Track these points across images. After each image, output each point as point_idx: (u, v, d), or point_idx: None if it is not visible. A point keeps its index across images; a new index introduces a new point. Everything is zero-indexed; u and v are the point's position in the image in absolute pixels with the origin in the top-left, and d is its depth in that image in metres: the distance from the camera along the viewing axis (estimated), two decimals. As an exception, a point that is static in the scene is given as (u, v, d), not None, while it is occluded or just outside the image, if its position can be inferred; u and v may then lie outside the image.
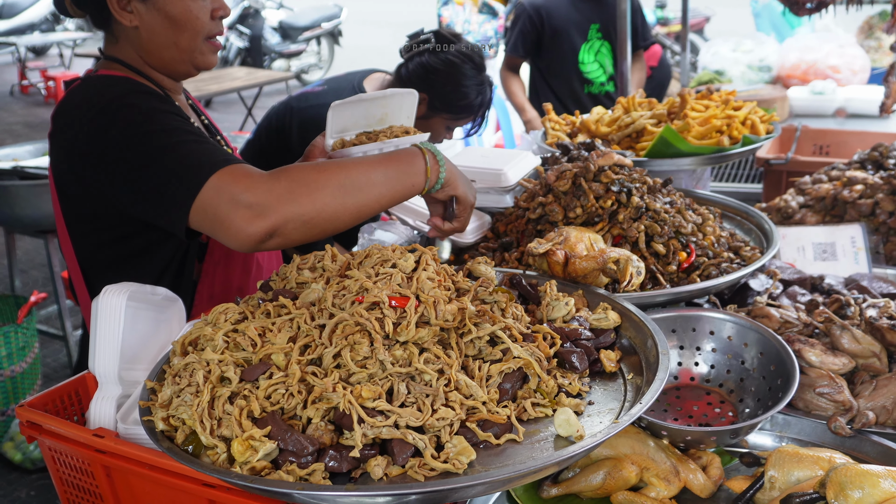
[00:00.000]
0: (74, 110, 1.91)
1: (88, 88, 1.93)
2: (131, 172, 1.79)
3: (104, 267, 2.06)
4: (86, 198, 1.95)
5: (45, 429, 1.65)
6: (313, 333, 1.44)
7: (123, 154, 1.80)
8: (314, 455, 1.28)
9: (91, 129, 1.84)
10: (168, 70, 2.06)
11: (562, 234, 1.95)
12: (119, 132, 1.81)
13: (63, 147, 1.93)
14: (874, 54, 6.56)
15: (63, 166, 1.95)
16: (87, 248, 2.06)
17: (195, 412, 1.33)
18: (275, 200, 1.64)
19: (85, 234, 2.04)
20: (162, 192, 1.75)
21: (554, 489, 1.63)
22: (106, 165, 1.83)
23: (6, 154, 5.66)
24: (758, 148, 2.89)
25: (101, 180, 1.86)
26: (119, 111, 1.83)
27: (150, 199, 1.79)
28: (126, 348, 1.69)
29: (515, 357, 1.46)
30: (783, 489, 1.55)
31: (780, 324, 1.97)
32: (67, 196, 2.00)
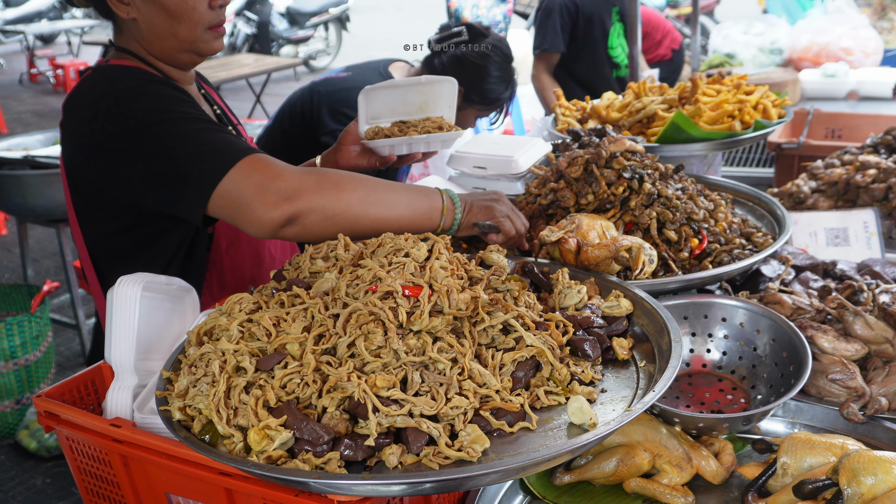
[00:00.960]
0: (88, 100, 1.91)
1: (102, 78, 1.94)
2: (149, 159, 1.81)
3: (113, 256, 2.07)
4: (98, 187, 1.96)
5: (63, 418, 1.66)
6: (327, 323, 1.45)
7: (141, 141, 1.81)
8: (329, 444, 1.29)
9: (106, 118, 1.85)
10: (172, 60, 2.05)
11: (574, 221, 1.95)
12: (136, 121, 1.82)
13: (76, 136, 1.94)
14: (887, 35, 6.50)
15: (75, 155, 1.96)
16: (97, 237, 2.07)
17: (211, 402, 1.34)
18: (303, 189, 1.72)
19: (94, 224, 2.05)
20: (184, 175, 1.78)
21: (567, 476, 1.64)
22: (123, 154, 1.84)
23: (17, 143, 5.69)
24: (769, 132, 2.88)
25: (117, 169, 1.87)
26: (135, 99, 1.84)
27: (169, 184, 1.81)
28: (141, 338, 1.70)
29: (528, 345, 1.47)
30: (796, 475, 1.55)
31: (792, 310, 1.97)
32: (78, 185, 2.02)
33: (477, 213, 1.96)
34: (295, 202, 1.71)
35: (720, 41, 6.27)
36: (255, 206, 1.71)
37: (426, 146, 2.25)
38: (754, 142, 2.93)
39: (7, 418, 4.45)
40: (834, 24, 5.71)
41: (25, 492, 4.15)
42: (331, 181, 1.77)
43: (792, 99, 4.97)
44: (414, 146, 2.23)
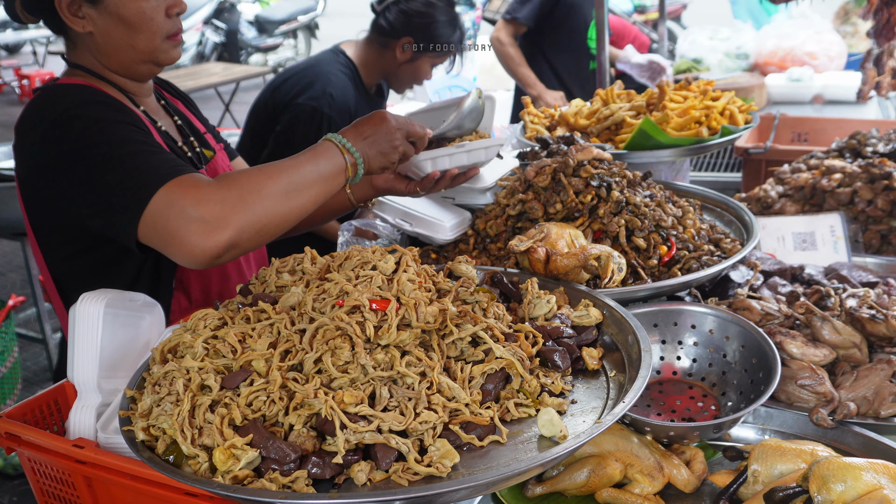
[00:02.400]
0: (31, 122, 1.88)
1: (44, 100, 1.90)
2: (82, 185, 1.76)
3: (75, 277, 2.03)
4: (49, 209, 1.92)
5: (24, 440, 1.63)
6: (294, 339, 1.43)
7: (75, 166, 1.77)
8: (297, 462, 1.28)
9: (44, 141, 1.81)
10: (129, 72, 2.01)
11: (542, 230, 1.95)
12: (69, 145, 1.77)
13: (23, 159, 1.91)
14: (850, 40, 6.58)
15: (25, 178, 1.93)
16: (57, 258, 2.03)
17: (176, 421, 1.32)
18: (229, 211, 1.60)
19: (53, 245, 2.01)
20: (111, 204, 1.71)
21: (539, 488, 1.63)
22: (59, 178, 1.80)
23: (-22, 155, 5.58)
24: (736, 138, 2.90)
25: (57, 193, 1.83)
26: (70, 123, 1.79)
27: (100, 212, 1.75)
28: (105, 356, 1.67)
29: (498, 357, 1.46)
30: (766, 483, 1.55)
31: (761, 316, 1.98)
32: (32, 207, 1.98)
33: (376, 160, 1.86)
34: (226, 229, 1.59)
35: (687, 46, 6.32)
36: (182, 238, 1.60)
37: (468, 158, 2.13)
38: (722, 147, 2.95)
39: (-28, 436, 4.37)
40: (798, 28, 5.78)
41: (-8, 511, 4.07)
42: (251, 191, 1.64)
43: (758, 103, 5.01)
44: (455, 158, 2.11)
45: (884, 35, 3.20)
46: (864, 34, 6.30)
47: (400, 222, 2.33)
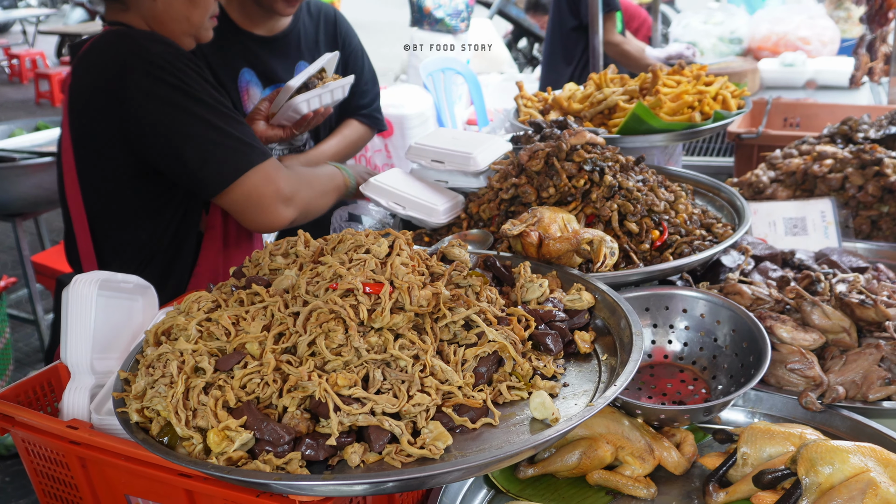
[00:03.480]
0: (113, 54, 1.99)
1: (124, 38, 2.01)
2: (187, 137, 2.00)
3: (114, 217, 2.14)
4: (109, 141, 2.03)
5: (18, 421, 1.63)
6: (287, 321, 1.43)
7: (174, 114, 1.97)
8: (291, 444, 1.28)
9: (143, 75, 1.96)
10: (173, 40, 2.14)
11: (535, 214, 1.95)
12: (174, 89, 1.97)
13: (87, 91, 2.01)
14: (843, 25, 6.59)
15: (85, 111, 2.02)
16: (99, 199, 2.12)
17: (170, 403, 1.32)
18: (298, 195, 2.12)
19: (97, 185, 2.10)
20: (208, 161, 2.01)
21: (531, 469, 1.65)
22: (152, 116, 1.98)
23: (-29, 133, 5.55)
24: (729, 123, 2.90)
25: (141, 128, 2.00)
26: (170, 69, 1.98)
27: (195, 165, 2.01)
28: (99, 338, 1.67)
29: (490, 341, 1.47)
30: (755, 465, 1.57)
31: (751, 300, 1.99)
32: (86, 140, 2.06)
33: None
34: (295, 205, 2.12)
35: (681, 30, 6.32)
36: (268, 207, 2.06)
37: (331, 96, 2.62)
38: (714, 132, 2.96)
39: (-36, 417, 4.37)
40: (792, 13, 5.79)
41: (-16, 491, 4.08)
42: (308, 182, 2.19)
43: (751, 88, 5.02)
44: (324, 97, 2.59)
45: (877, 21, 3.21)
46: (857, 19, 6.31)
47: (393, 206, 2.33)
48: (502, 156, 2.47)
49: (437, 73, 6.44)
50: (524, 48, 11.06)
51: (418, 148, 2.50)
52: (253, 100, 2.85)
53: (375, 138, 5.99)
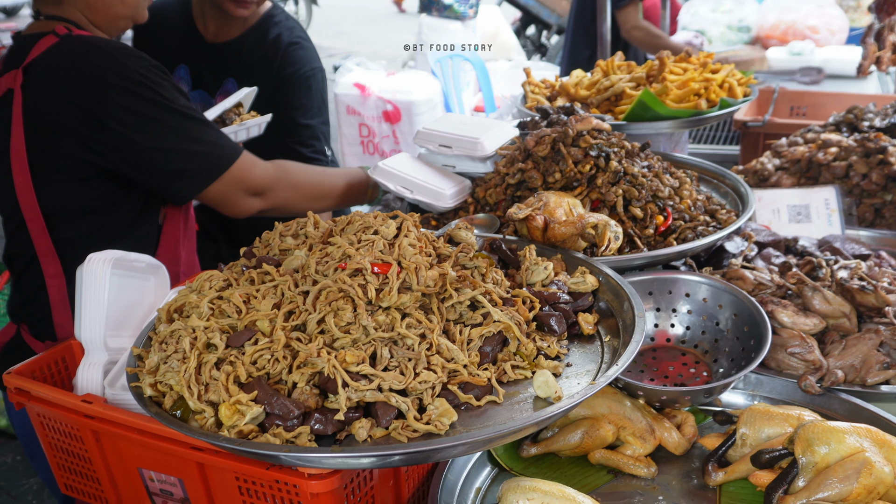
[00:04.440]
0: (86, 69, 2.00)
1: (96, 50, 2.02)
2: (154, 149, 2.05)
3: (69, 213, 2.15)
4: (73, 149, 2.04)
5: (34, 395, 1.67)
6: (297, 300, 1.46)
7: (152, 128, 2.02)
8: (300, 418, 1.32)
9: (115, 91, 1.99)
10: (110, 27, 2.20)
11: (541, 199, 1.98)
12: (149, 106, 2.02)
13: (55, 101, 2.00)
14: (853, 14, 6.58)
15: (49, 118, 2.02)
16: (53, 196, 2.12)
17: (182, 378, 1.36)
18: (271, 194, 2.22)
19: (52, 183, 2.10)
20: (184, 170, 2.09)
21: (533, 448, 1.68)
22: (125, 130, 2.01)
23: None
24: (735, 111, 2.92)
25: (112, 141, 2.02)
26: (148, 83, 2.02)
27: (167, 173, 2.09)
28: (111, 315, 1.71)
29: (495, 321, 1.50)
30: (754, 446, 1.60)
31: (753, 285, 2.02)
32: (47, 145, 2.06)
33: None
34: (266, 200, 2.22)
35: (689, 18, 6.31)
36: (237, 202, 2.17)
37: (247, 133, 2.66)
38: (720, 120, 2.97)
39: (-25, 396, 4.42)
40: (801, 2, 5.78)
41: (-5, 469, 4.13)
42: (287, 180, 2.27)
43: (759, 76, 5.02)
44: (239, 134, 2.63)
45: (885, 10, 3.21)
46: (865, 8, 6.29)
47: (401, 190, 2.36)
48: (509, 141, 2.50)
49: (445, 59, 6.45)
50: (532, 35, 11.04)
51: (426, 133, 2.52)
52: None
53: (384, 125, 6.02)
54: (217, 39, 2.92)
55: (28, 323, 2.20)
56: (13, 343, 2.23)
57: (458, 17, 7.61)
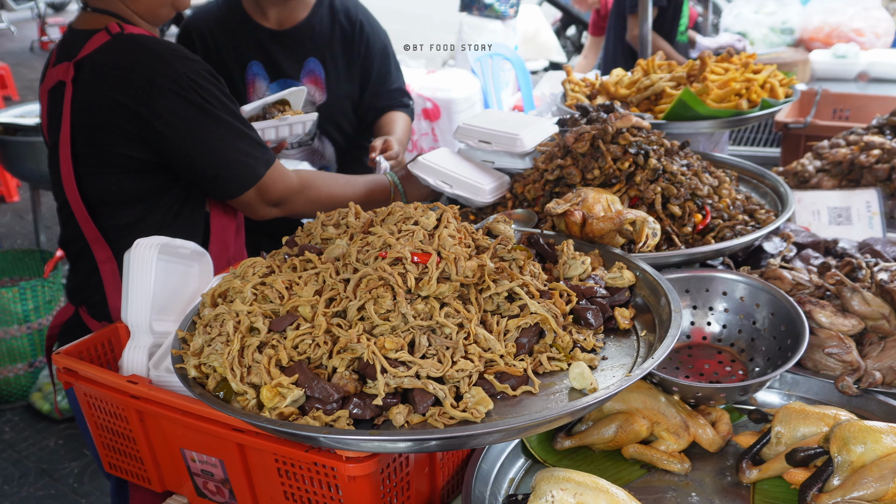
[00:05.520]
0: (136, 68, 2.06)
1: (145, 51, 2.08)
2: (195, 152, 2.12)
3: (116, 204, 2.21)
4: (120, 144, 2.10)
5: (82, 375, 1.72)
6: (338, 287, 1.49)
7: (196, 132, 2.09)
8: (339, 402, 1.35)
9: (163, 94, 2.05)
10: (152, 16, 2.24)
11: (580, 194, 2.00)
12: (196, 111, 2.09)
13: (104, 98, 2.06)
14: (900, 17, 6.48)
15: (98, 114, 2.07)
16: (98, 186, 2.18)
17: (226, 360, 1.39)
18: (291, 202, 2.32)
19: (99, 175, 2.17)
20: (217, 177, 2.17)
21: (567, 441, 1.69)
22: (170, 131, 2.08)
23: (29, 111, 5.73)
24: (776, 112, 2.91)
25: (161, 143, 2.10)
26: (196, 87, 2.08)
27: (213, 174, 2.17)
28: (157, 300, 1.75)
29: (532, 313, 1.52)
30: (789, 444, 1.60)
31: (792, 285, 2.01)
32: (91, 142, 2.11)
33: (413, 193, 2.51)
34: (278, 209, 2.32)
35: (732, 20, 6.27)
36: (258, 210, 2.28)
37: (289, 129, 2.67)
38: (761, 121, 2.96)
39: (20, 380, 4.53)
40: (846, 4, 5.71)
41: (38, 452, 4.23)
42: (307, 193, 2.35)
43: (802, 79, 4.97)
44: (281, 130, 2.65)
45: (932, 12, 3.18)
46: (913, 12, 6.20)
47: (440, 184, 2.38)
48: (548, 138, 2.51)
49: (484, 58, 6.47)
50: (573, 36, 11.02)
51: (466, 128, 2.54)
52: (258, 92, 2.95)
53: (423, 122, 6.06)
54: (284, 26, 2.98)
55: (86, 304, 2.27)
56: (71, 322, 2.30)
57: (498, 17, 7.63)
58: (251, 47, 2.95)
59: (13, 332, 4.39)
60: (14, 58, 13.73)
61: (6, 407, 4.56)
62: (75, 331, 2.24)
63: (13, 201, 7.88)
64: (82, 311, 2.27)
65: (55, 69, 2.15)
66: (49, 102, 2.19)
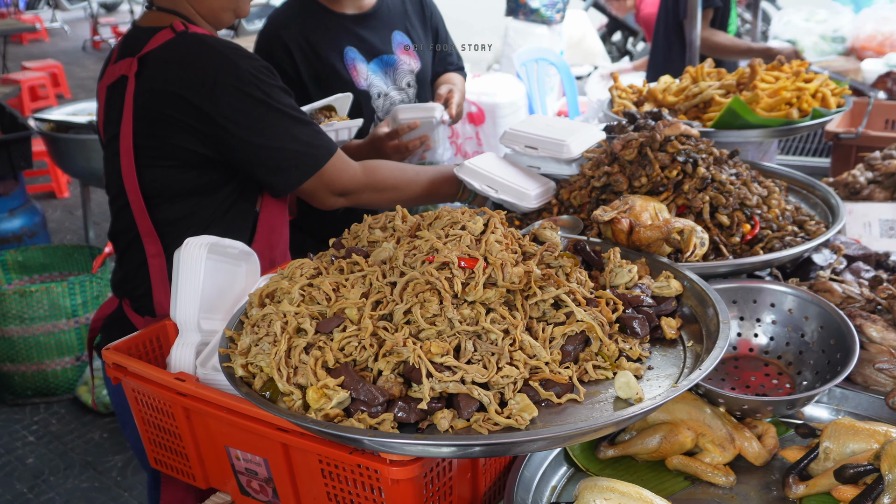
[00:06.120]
0: (198, 66, 2.11)
1: (210, 49, 2.13)
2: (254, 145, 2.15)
3: (170, 198, 2.24)
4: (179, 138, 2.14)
5: (130, 371, 1.75)
6: (385, 290, 1.50)
7: (257, 127, 2.13)
8: (384, 405, 1.35)
9: (225, 91, 2.09)
10: (215, 19, 2.29)
11: (627, 202, 1.98)
12: (256, 106, 2.13)
13: (166, 93, 2.11)
14: (956, 26, 6.34)
15: (159, 108, 2.12)
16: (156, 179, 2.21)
17: (273, 360, 1.41)
18: (356, 192, 2.36)
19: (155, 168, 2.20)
20: (285, 165, 2.21)
21: (611, 450, 1.68)
22: (235, 131, 2.12)
23: (81, 108, 5.85)
24: (827, 121, 2.86)
25: (222, 139, 2.14)
26: (256, 83, 2.13)
27: (273, 167, 2.21)
28: (205, 298, 1.78)
29: (578, 320, 1.51)
30: (837, 460, 1.57)
31: (842, 298, 1.98)
32: (151, 135, 2.15)
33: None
34: (344, 199, 2.36)
35: (781, 27, 6.19)
36: (324, 200, 2.33)
37: (335, 135, 2.68)
38: (811, 130, 2.92)
39: (67, 374, 4.62)
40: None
41: (83, 445, 4.31)
42: (373, 184, 2.40)
43: (853, 88, 4.89)
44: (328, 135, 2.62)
45: None
46: (970, 21, 6.06)
47: (485, 189, 2.38)
48: (595, 144, 2.50)
49: (530, 63, 6.46)
50: (618, 41, 10.95)
51: (513, 133, 2.54)
52: (362, 75, 3.04)
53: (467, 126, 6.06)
54: (362, 10, 3.08)
55: (130, 297, 2.31)
56: (115, 316, 2.33)
57: (544, 22, 7.61)
58: (341, 35, 3.05)
59: (62, 326, 4.48)
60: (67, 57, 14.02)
61: (53, 399, 4.65)
62: (118, 324, 2.28)
63: (63, 197, 8.04)
64: (125, 305, 2.31)
65: (116, 65, 2.20)
66: (107, 98, 2.24)
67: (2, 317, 4.38)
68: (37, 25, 14.44)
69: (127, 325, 2.24)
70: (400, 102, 3.15)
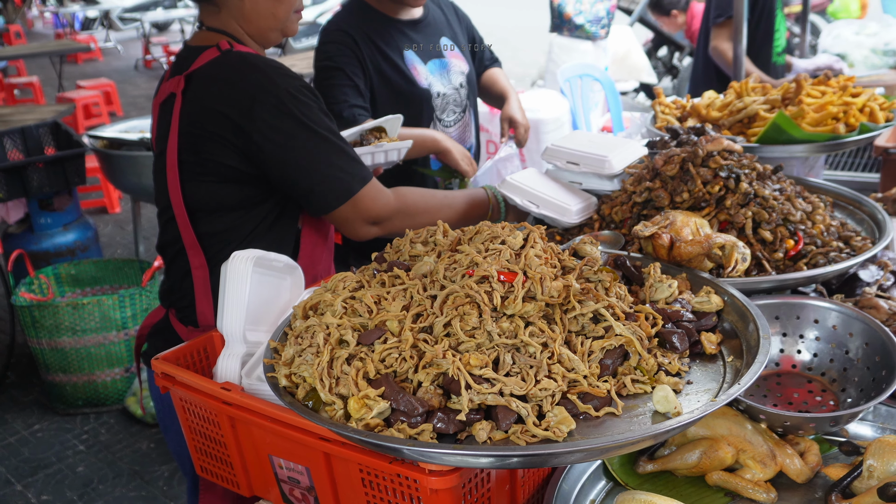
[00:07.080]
0: (242, 85, 2.16)
1: (253, 68, 2.18)
2: (291, 165, 2.18)
3: (212, 212, 2.28)
4: (220, 154, 2.19)
5: (178, 380, 1.79)
6: (425, 303, 1.53)
7: (294, 146, 2.16)
8: (423, 416, 1.37)
9: (265, 109, 2.13)
10: (262, 39, 2.34)
11: (668, 217, 1.99)
12: (294, 125, 2.16)
13: (209, 109, 2.16)
14: None
15: (202, 124, 2.17)
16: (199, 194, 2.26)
17: (315, 371, 1.44)
18: (387, 217, 2.33)
19: (199, 182, 2.25)
20: (320, 188, 2.22)
21: (650, 465, 1.68)
22: (272, 149, 2.15)
23: (133, 126, 5.99)
24: (876, 136, 2.83)
25: (259, 156, 2.17)
26: (296, 103, 2.16)
27: (310, 187, 2.22)
28: (251, 310, 1.82)
29: (617, 335, 1.52)
30: (881, 478, 1.55)
31: (888, 315, 1.96)
32: (195, 150, 2.21)
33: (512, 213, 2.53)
34: (382, 228, 2.34)
35: (831, 41, 6.11)
36: (356, 229, 2.31)
37: (385, 156, 2.72)
38: (858, 145, 2.88)
39: (117, 385, 4.72)
40: (954, 25, 5.50)
41: (131, 455, 4.39)
42: (407, 215, 2.37)
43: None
44: (377, 156, 2.69)
45: None
46: None
47: (527, 204, 2.40)
48: (637, 160, 2.51)
49: (574, 79, 6.47)
50: (664, 57, 10.90)
51: (555, 149, 2.56)
52: (422, 75, 3.17)
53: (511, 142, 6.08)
54: (414, 17, 3.25)
55: (176, 307, 2.37)
56: (160, 325, 2.39)
57: (588, 38, 7.61)
58: (400, 38, 3.18)
59: (112, 338, 4.58)
60: (119, 75, 14.37)
61: (103, 410, 4.76)
62: (163, 333, 2.34)
63: (115, 212, 8.23)
64: (171, 315, 2.37)
65: (168, 83, 2.27)
66: (159, 114, 2.31)
67: (55, 328, 4.50)
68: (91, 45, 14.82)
69: (171, 335, 2.30)
70: (454, 102, 3.29)
